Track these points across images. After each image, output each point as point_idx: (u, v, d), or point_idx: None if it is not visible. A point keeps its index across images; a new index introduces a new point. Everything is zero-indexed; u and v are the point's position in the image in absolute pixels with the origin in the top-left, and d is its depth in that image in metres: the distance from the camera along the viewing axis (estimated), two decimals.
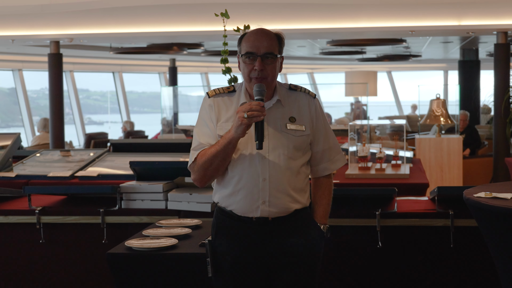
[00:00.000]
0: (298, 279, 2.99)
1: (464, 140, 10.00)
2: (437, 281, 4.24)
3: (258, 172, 2.92)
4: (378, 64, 20.20)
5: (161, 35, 9.97)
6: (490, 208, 3.26)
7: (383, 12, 9.06)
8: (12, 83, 15.50)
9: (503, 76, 9.53)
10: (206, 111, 3.04)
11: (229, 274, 2.99)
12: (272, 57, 2.93)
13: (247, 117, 2.79)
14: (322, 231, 3.06)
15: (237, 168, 2.95)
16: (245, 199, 2.94)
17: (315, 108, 3.06)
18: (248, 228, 2.96)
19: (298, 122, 2.99)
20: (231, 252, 2.98)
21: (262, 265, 2.96)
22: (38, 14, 9.06)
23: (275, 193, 2.93)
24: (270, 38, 2.95)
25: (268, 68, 2.92)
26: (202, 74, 20.95)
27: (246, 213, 2.95)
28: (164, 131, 13.21)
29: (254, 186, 2.93)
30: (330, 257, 4.27)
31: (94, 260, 4.55)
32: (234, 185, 2.96)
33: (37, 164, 6.33)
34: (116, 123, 18.98)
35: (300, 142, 2.99)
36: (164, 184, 4.56)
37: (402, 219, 4.25)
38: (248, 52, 2.92)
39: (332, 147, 3.12)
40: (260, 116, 2.80)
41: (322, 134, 3.08)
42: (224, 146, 2.87)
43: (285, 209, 2.96)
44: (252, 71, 2.92)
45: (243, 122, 2.80)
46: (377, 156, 6.40)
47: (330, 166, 3.12)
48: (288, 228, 2.98)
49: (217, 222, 3.05)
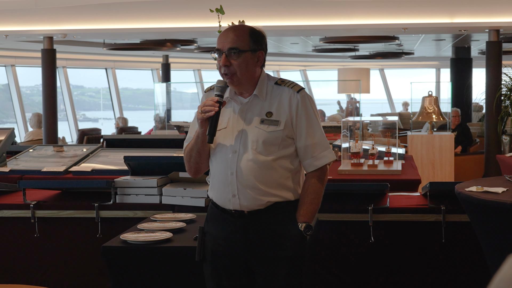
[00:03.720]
0: (278, 275, 2.98)
1: (456, 138, 10.06)
2: (428, 275, 4.28)
3: (228, 166, 2.97)
4: (371, 61, 20.24)
5: (155, 31, 9.98)
6: (481, 202, 3.30)
7: (376, 9, 9.10)
8: (5, 79, 15.48)
9: (495, 74, 9.58)
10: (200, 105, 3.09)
11: (211, 262, 3.05)
12: (237, 52, 2.92)
13: (201, 111, 2.89)
14: (300, 230, 2.99)
15: (212, 162, 3.04)
16: (219, 192, 3.01)
17: (297, 103, 3.00)
18: (229, 219, 3.01)
19: (274, 117, 2.98)
20: (213, 240, 3.04)
21: (239, 257, 3.00)
22: (32, 9, 9.06)
23: (242, 187, 2.95)
24: (237, 34, 2.94)
25: (234, 64, 2.92)
26: (195, 71, 20.95)
27: (224, 205, 3.01)
28: (157, 128, 13.23)
29: (224, 179, 2.98)
30: (322, 252, 4.31)
31: (89, 254, 4.57)
32: (212, 178, 3.06)
33: (31, 159, 6.34)
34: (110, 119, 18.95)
35: (272, 137, 2.96)
36: (158, 179, 4.58)
37: (394, 214, 4.28)
38: (216, 49, 2.96)
39: (317, 143, 3.04)
40: (211, 111, 2.87)
41: (304, 129, 3.02)
42: (195, 141, 2.99)
43: (256, 202, 2.96)
44: (221, 67, 2.95)
45: (198, 117, 2.91)
46: (370, 152, 6.44)
47: (314, 163, 3.05)
48: (265, 222, 2.98)
49: (208, 210, 3.14)
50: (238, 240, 2.99)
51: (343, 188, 4.53)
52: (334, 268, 4.33)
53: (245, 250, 2.99)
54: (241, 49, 2.93)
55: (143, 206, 4.54)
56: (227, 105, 3.01)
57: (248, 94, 3.01)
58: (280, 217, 3.01)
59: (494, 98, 9.47)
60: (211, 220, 3.09)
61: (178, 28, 9.63)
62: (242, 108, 2.99)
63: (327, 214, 4.25)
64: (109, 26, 9.61)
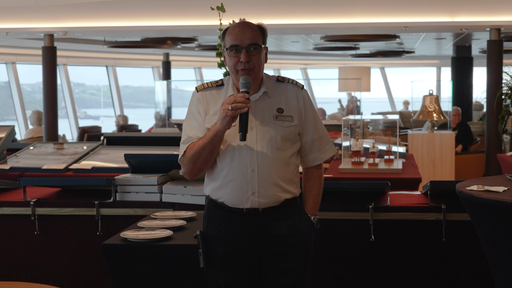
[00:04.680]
0: (288, 270, 3.00)
1: (456, 136, 10.05)
2: (429, 274, 4.27)
3: (247, 164, 2.94)
4: (372, 60, 20.24)
5: (155, 29, 9.98)
6: (482, 201, 3.29)
7: (377, 8, 9.09)
8: (6, 77, 15.47)
9: (495, 72, 9.57)
10: (194, 105, 3.07)
11: (220, 265, 3.01)
12: (257, 48, 2.95)
13: (231, 109, 2.82)
14: (312, 222, 3.09)
15: (225, 160, 2.97)
16: (234, 191, 2.97)
17: (303, 99, 3.07)
18: (239, 219, 2.98)
19: (286, 113, 3.01)
20: (222, 243, 3.00)
21: (253, 256, 2.99)
22: (33, 7, 9.06)
23: (264, 183, 2.95)
24: (253, 29, 2.97)
25: (253, 59, 2.94)
26: (195, 69, 20.94)
27: (237, 205, 2.98)
28: (158, 125, 13.22)
29: (243, 177, 2.95)
30: (322, 251, 4.30)
31: (89, 252, 4.56)
32: (223, 177, 2.98)
33: (31, 156, 6.34)
34: (110, 117, 18.94)
35: (288, 132, 3.01)
36: (158, 176, 4.58)
37: (394, 213, 4.27)
38: (233, 45, 2.94)
39: (322, 137, 3.14)
40: (244, 107, 2.82)
41: (311, 124, 3.09)
42: (211, 139, 2.90)
43: (274, 199, 2.98)
44: (238, 63, 2.94)
45: (227, 114, 2.83)
46: (370, 151, 6.44)
47: (320, 156, 3.14)
48: (278, 218, 3.00)
49: (208, 213, 3.07)
50: (250, 239, 2.98)
51: (344, 187, 4.53)
52: (334, 266, 4.32)
53: (258, 248, 2.98)
54: (259, 45, 2.96)
55: (144, 204, 4.54)
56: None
57: (254, 91, 3.00)
58: (291, 213, 3.04)
59: (495, 97, 9.46)
60: (214, 223, 3.04)
61: (179, 26, 9.63)
62: (252, 106, 2.97)
63: (327, 212, 4.24)
64: (110, 24, 9.60)
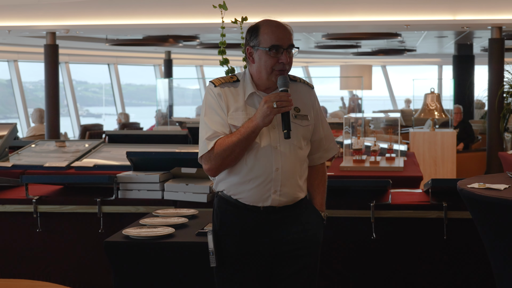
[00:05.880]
0: (301, 266, 3.03)
1: (458, 135, 10.06)
2: (430, 272, 4.28)
3: (271, 162, 2.95)
4: (373, 58, 20.23)
5: (157, 27, 9.98)
6: (483, 198, 3.30)
7: (378, 6, 9.09)
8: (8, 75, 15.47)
9: (497, 71, 9.56)
10: (215, 100, 2.99)
11: (234, 264, 3.00)
12: (294, 49, 2.99)
13: (277, 106, 2.82)
14: (322, 218, 3.14)
15: (249, 158, 2.95)
16: (257, 189, 2.96)
17: (314, 98, 3.14)
18: (254, 217, 2.98)
19: (302, 112, 3.05)
20: (236, 242, 2.99)
21: (266, 254, 2.99)
22: (35, 5, 9.06)
23: (287, 182, 2.98)
24: (290, 30, 3.01)
25: (290, 60, 2.98)
26: (197, 67, 20.94)
27: (255, 202, 2.97)
28: (159, 123, 13.22)
29: (267, 175, 2.95)
30: (324, 248, 4.30)
31: (91, 249, 4.57)
32: (245, 174, 2.96)
33: (33, 154, 6.35)
34: (112, 115, 18.94)
35: (306, 131, 3.05)
36: (160, 174, 4.58)
37: (396, 210, 4.29)
38: (274, 45, 2.93)
39: (327, 136, 3.20)
40: (288, 106, 2.85)
41: (320, 123, 3.16)
42: (248, 135, 2.88)
43: (294, 198, 3.02)
44: (276, 63, 2.95)
45: (272, 112, 2.83)
46: (372, 149, 6.45)
47: (324, 155, 3.21)
48: (292, 216, 3.03)
49: (221, 212, 3.04)
50: (265, 237, 2.99)
51: (345, 185, 4.54)
52: (335, 264, 4.33)
53: (271, 246, 2.99)
54: (296, 46, 3.00)
55: (145, 201, 4.54)
56: (250, 101, 2.99)
57: (271, 90, 3.01)
58: (303, 211, 3.07)
59: (496, 95, 9.46)
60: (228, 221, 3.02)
61: (181, 24, 9.63)
62: None
63: (329, 210, 4.20)
64: (112, 22, 9.61)
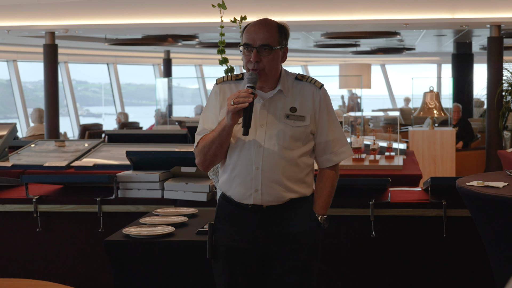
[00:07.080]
0: (292, 268, 3.01)
1: (457, 133, 10.07)
2: (430, 270, 4.29)
3: (252, 161, 2.95)
4: (372, 57, 20.23)
5: (156, 27, 9.98)
6: (482, 196, 3.31)
7: (377, 4, 9.10)
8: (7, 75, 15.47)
9: (496, 69, 9.58)
10: (212, 97, 3.08)
11: (224, 257, 3.03)
12: (268, 49, 2.92)
13: (233, 104, 2.82)
14: (319, 222, 3.07)
15: (233, 155, 2.99)
16: (239, 186, 2.98)
17: (320, 99, 3.04)
18: (245, 214, 2.99)
19: (299, 112, 3.00)
20: (227, 236, 3.02)
21: (257, 251, 3.00)
22: (34, 4, 9.06)
23: (267, 182, 2.95)
24: (268, 30, 2.94)
25: (264, 60, 2.92)
26: (196, 66, 20.95)
27: (242, 200, 2.99)
28: (159, 123, 13.23)
29: (247, 174, 2.96)
30: (324, 247, 4.30)
31: (91, 248, 4.58)
32: (230, 172, 3.00)
33: (33, 154, 6.36)
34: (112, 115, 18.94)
35: (298, 132, 2.99)
36: (160, 173, 4.59)
37: (395, 209, 4.29)
38: (245, 43, 2.94)
39: (336, 139, 3.10)
40: (245, 102, 2.81)
41: (326, 125, 3.06)
42: (219, 133, 2.91)
43: (278, 198, 2.98)
44: (249, 62, 2.95)
45: (229, 109, 2.83)
46: (371, 147, 6.45)
47: (333, 158, 3.10)
48: (284, 217, 3.00)
49: (218, 206, 3.10)
50: (255, 235, 2.99)
51: (345, 183, 4.54)
52: (335, 262, 4.34)
53: (261, 245, 2.99)
54: (272, 46, 2.94)
55: (145, 200, 4.55)
56: None
57: (269, 88, 3.00)
58: (297, 212, 3.03)
59: (495, 93, 9.47)
60: (223, 216, 3.06)
61: (180, 24, 9.63)
62: (265, 103, 2.98)
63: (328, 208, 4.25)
64: (111, 21, 9.61)
